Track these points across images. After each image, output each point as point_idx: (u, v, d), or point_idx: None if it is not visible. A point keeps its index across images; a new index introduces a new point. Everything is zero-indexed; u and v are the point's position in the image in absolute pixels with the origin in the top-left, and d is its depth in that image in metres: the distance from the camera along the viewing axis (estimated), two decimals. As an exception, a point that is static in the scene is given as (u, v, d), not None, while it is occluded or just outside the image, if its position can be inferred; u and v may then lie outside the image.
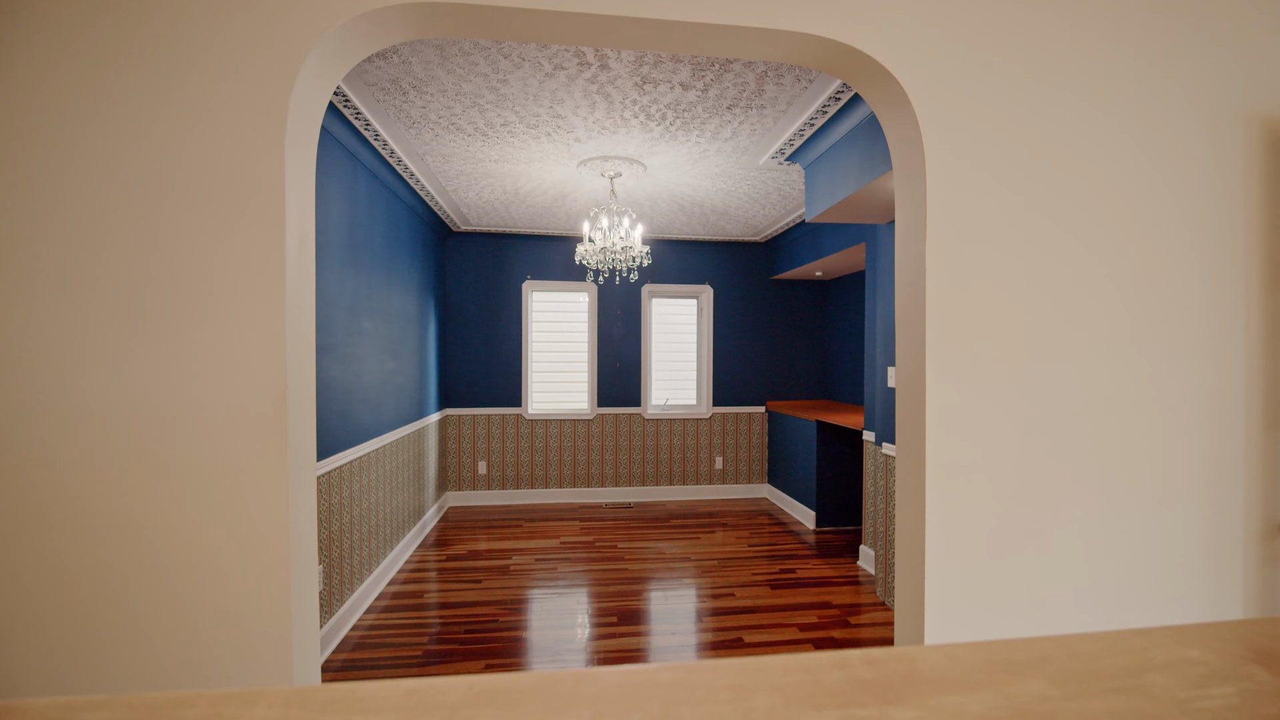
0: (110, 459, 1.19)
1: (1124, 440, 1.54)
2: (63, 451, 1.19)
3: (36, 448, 1.18)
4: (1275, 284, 1.59)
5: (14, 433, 1.17)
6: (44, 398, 1.18)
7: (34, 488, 1.18)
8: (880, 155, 2.52)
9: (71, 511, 1.19)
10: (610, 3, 1.33)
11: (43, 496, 1.18)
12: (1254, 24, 1.57)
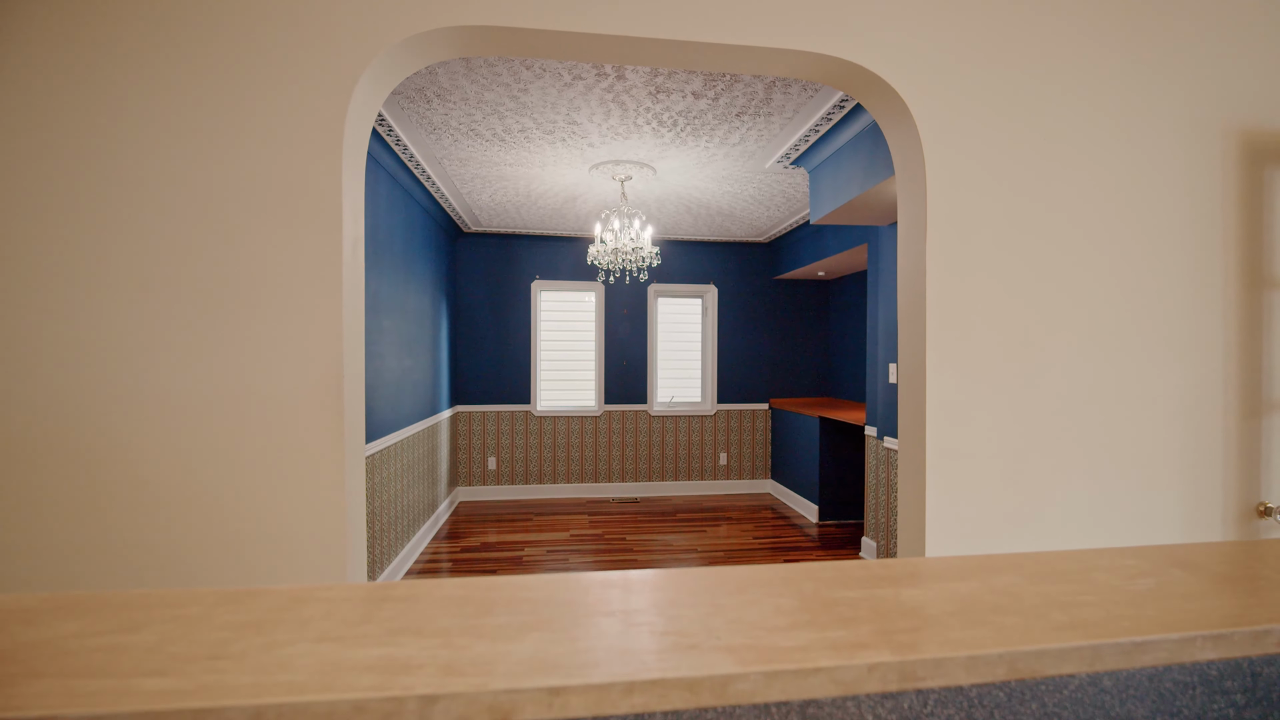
0: (181, 441, 1.32)
1: (1111, 428, 1.66)
2: (137, 435, 1.31)
3: (114, 432, 1.30)
4: (1251, 284, 1.71)
5: (93, 418, 1.29)
6: (123, 387, 1.30)
7: (109, 469, 1.30)
8: (882, 160, 2.64)
9: (144, 490, 1.31)
10: (634, 25, 1.45)
11: (117, 477, 1.30)
12: (1231, 43, 1.69)
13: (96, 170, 1.28)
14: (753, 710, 0.34)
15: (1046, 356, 1.62)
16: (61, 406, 1.28)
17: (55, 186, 1.28)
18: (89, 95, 1.28)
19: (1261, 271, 1.71)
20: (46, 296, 1.28)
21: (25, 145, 1.27)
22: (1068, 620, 0.38)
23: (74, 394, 1.29)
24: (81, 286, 1.29)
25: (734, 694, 0.33)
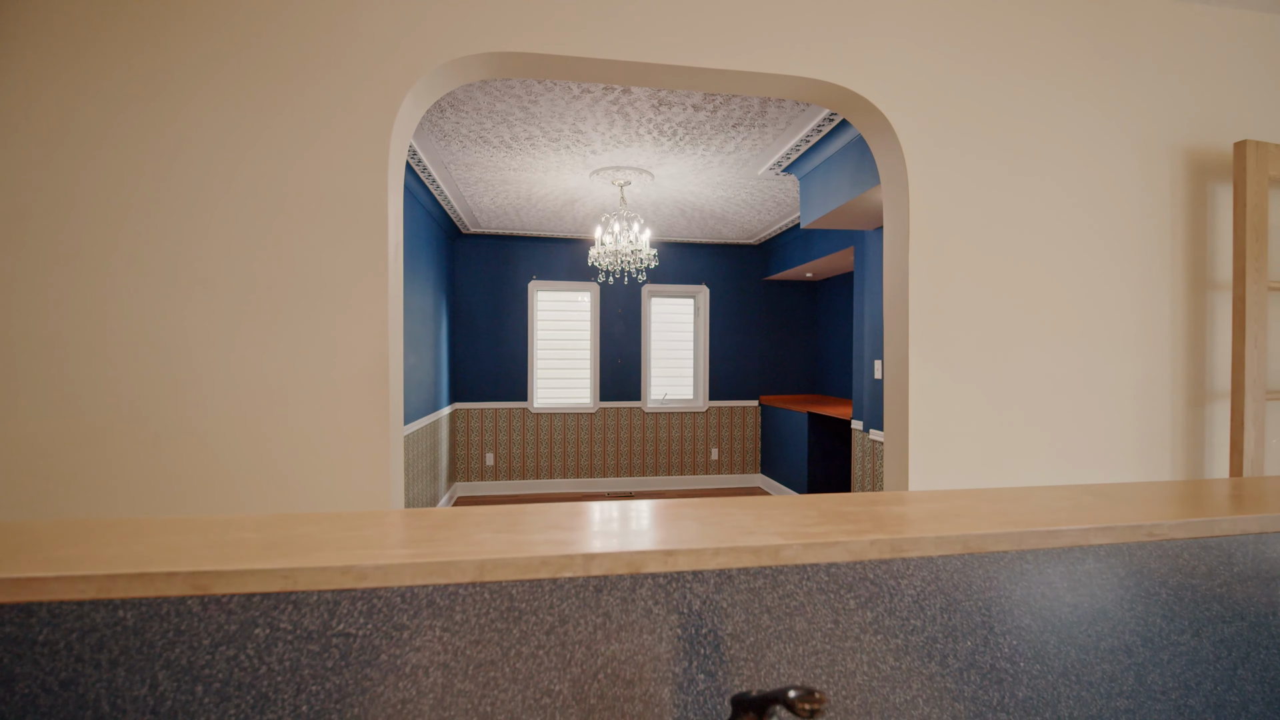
0: (245, 424, 1.46)
1: (1074, 414, 1.85)
2: (202, 420, 1.45)
3: (179, 418, 1.44)
4: (1195, 287, 1.92)
5: (159, 406, 1.43)
6: (186, 376, 1.44)
7: (178, 449, 1.44)
8: (869, 170, 2.83)
9: (208, 470, 1.45)
10: (647, 53, 1.62)
11: (185, 456, 1.44)
12: (1177, 72, 1.89)
13: (169, 180, 1.42)
14: (795, 569, 0.51)
15: (1016, 351, 1.81)
16: (136, 394, 1.42)
17: (133, 196, 1.41)
18: (159, 113, 1.42)
19: (1204, 274, 1.92)
20: (125, 295, 1.41)
21: (111, 159, 1.40)
22: (1005, 520, 0.55)
23: (148, 382, 1.42)
24: (155, 286, 1.42)
25: (783, 557, 0.50)
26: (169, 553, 0.45)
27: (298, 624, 0.43)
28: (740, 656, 0.48)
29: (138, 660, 0.42)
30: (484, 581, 0.45)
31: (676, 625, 0.47)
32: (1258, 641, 0.58)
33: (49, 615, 0.41)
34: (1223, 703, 0.57)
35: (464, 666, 0.45)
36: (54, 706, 0.41)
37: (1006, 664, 0.53)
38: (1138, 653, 0.55)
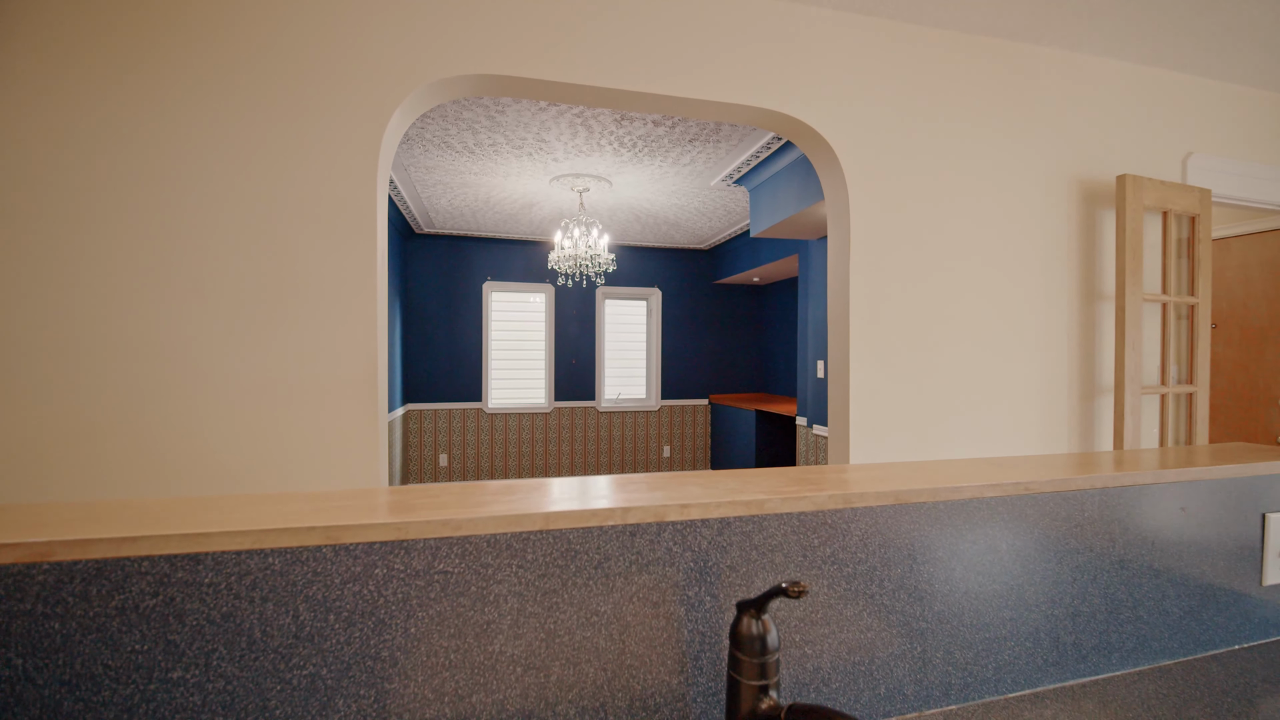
0: (242, 420, 1.51)
1: (988, 407, 2.12)
2: (203, 417, 1.50)
3: (173, 416, 1.48)
4: (1086, 299, 2.23)
5: (153, 404, 1.47)
6: (178, 376, 1.49)
7: (173, 442, 1.48)
8: (813, 186, 3.07)
9: (206, 463, 1.49)
10: (618, 80, 1.77)
11: (178, 453, 1.49)
12: (1073, 114, 2.20)
13: (172, 187, 1.46)
14: (775, 518, 0.67)
15: (941, 351, 2.07)
16: (135, 393, 1.45)
17: (135, 202, 1.45)
18: (157, 123, 1.46)
19: (1093, 287, 2.24)
20: (125, 297, 1.44)
21: (111, 167, 1.43)
22: (926, 480, 0.73)
23: (148, 381, 1.46)
24: (158, 288, 1.46)
25: (766, 508, 0.66)
26: (298, 515, 0.56)
27: (408, 565, 0.56)
28: (736, 582, 0.64)
29: (284, 596, 0.54)
30: (549, 529, 0.59)
31: (689, 560, 0.63)
32: (1101, 567, 0.79)
33: (213, 563, 0.52)
34: (1077, 612, 0.78)
35: (533, 594, 0.59)
36: (216, 634, 0.52)
37: (925, 585, 0.71)
38: (1017, 576, 0.75)
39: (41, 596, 0.49)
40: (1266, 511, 0.89)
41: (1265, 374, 3.14)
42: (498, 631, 0.57)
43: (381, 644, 0.55)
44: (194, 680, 0.51)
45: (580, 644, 0.59)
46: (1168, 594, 0.83)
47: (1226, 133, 2.44)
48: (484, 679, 0.57)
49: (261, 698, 0.52)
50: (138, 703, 0.50)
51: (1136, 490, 0.81)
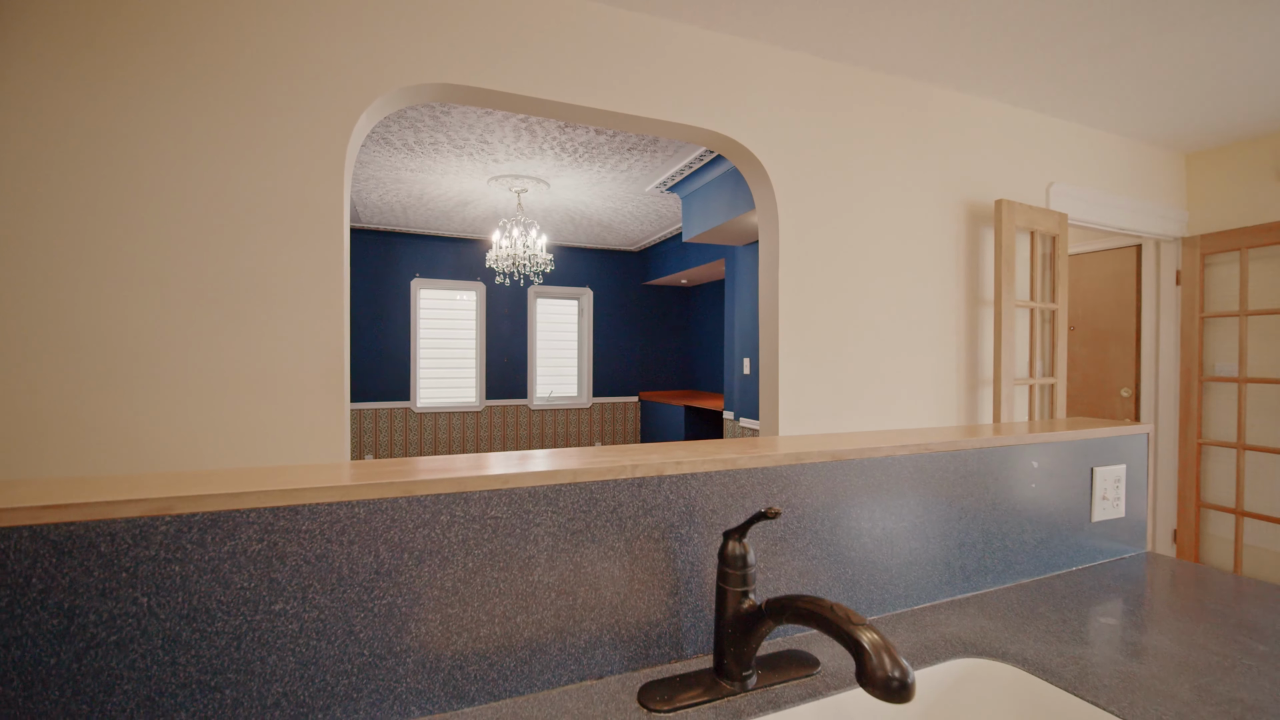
0: (208, 413, 1.52)
1: (892, 397, 2.44)
2: (166, 409, 1.49)
3: (134, 411, 1.48)
4: (972, 304, 2.61)
5: (117, 399, 1.46)
6: (139, 371, 1.48)
7: (134, 443, 1.47)
8: (742, 197, 3.33)
9: (171, 453, 1.50)
10: (567, 95, 1.91)
11: (146, 443, 1.48)
12: (961, 145, 2.57)
13: (117, 179, 1.45)
14: (745, 472, 0.85)
15: (854, 348, 2.36)
16: (101, 388, 1.43)
17: (100, 199, 1.43)
18: (127, 116, 1.44)
19: (977, 294, 2.62)
20: (88, 291, 1.42)
21: (75, 163, 1.40)
22: (854, 444, 0.94)
23: (112, 378, 1.44)
24: (116, 287, 1.44)
25: (739, 464, 0.84)
26: (373, 473, 0.68)
27: (467, 512, 0.69)
28: (716, 521, 0.81)
29: (367, 539, 0.65)
30: (576, 483, 0.73)
31: (681, 505, 0.79)
32: (979, 509, 1.03)
33: (309, 513, 0.63)
34: (962, 543, 1.01)
35: (564, 534, 0.73)
36: (311, 572, 0.63)
37: (854, 524, 0.91)
38: (920, 516, 0.97)
39: (164, 544, 0.58)
40: (1094, 466, 1.17)
41: (1111, 369, 3.73)
42: (536, 564, 0.71)
43: (445, 576, 0.68)
44: (293, 611, 0.62)
45: (600, 573, 0.75)
46: (1025, 529, 1.09)
47: (1082, 167, 2.91)
48: (525, 603, 0.71)
49: (348, 624, 0.64)
50: (245, 631, 0.61)
51: (1005, 450, 1.06)
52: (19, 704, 0.54)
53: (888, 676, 0.52)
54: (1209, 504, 3.21)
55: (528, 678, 0.71)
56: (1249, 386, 3.08)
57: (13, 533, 0.54)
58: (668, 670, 0.77)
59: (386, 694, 0.66)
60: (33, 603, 0.54)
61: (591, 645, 0.74)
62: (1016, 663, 0.79)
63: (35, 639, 0.55)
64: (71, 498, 0.57)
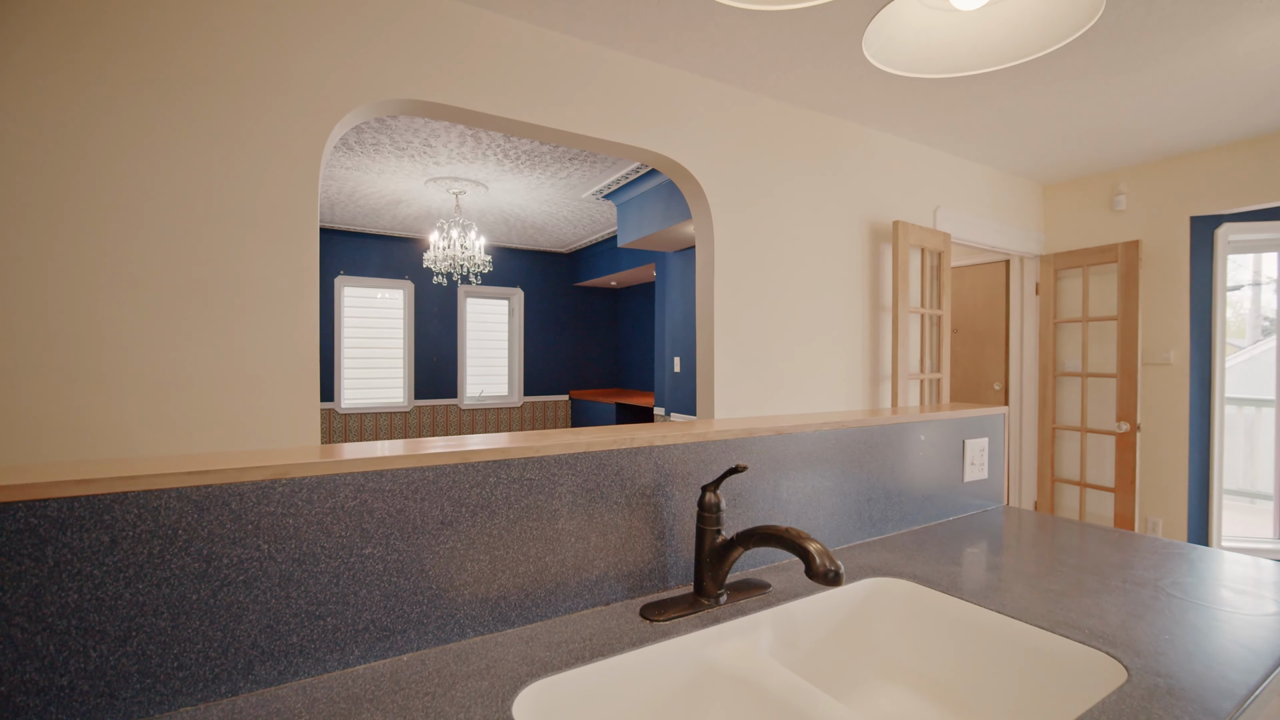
0: (185, 410, 1.57)
1: (810, 389, 2.78)
2: (143, 406, 1.53)
3: (106, 410, 1.51)
4: (874, 310, 3.01)
5: (85, 397, 1.48)
6: (110, 370, 1.51)
7: (104, 442, 1.50)
8: (676, 208, 3.60)
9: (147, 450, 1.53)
10: (523, 114, 2.08)
11: (128, 442, 1.51)
12: (865, 171, 2.96)
13: (93, 182, 1.48)
14: (712, 444, 1.08)
15: (777, 349, 2.68)
16: (77, 388, 1.45)
17: (88, 202, 1.44)
18: (110, 121, 1.47)
19: (878, 302, 3.03)
20: (69, 292, 1.43)
21: (51, 165, 1.41)
22: (788, 421, 1.20)
23: (90, 377, 1.46)
24: (97, 288, 1.46)
25: (707, 438, 1.07)
26: (435, 447, 0.85)
27: (509, 475, 0.87)
28: (691, 481, 1.04)
29: (435, 496, 0.82)
30: (590, 451, 0.93)
31: (666, 469, 1.01)
32: (882, 471, 1.33)
33: (391, 476, 0.79)
34: (870, 499, 1.30)
35: (581, 492, 0.93)
36: (393, 523, 0.79)
37: (792, 483, 1.17)
38: (839, 477, 1.25)
39: (280, 501, 0.73)
40: (965, 439, 1.51)
41: (986, 365, 4.33)
42: (559, 516, 0.91)
43: (493, 526, 0.86)
44: (378, 554, 0.79)
45: (607, 523, 0.95)
46: (916, 487, 1.40)
47: (962, 193, 3.41)
48: (551, 546, 0.91)
49: (420, 563, 0.81)
50: (342, 570, 0.77)
51: (900, 427, 1.36)
52: (169, 631, 0.68)
53: (827, 569, 0.76)
54: (1060, 478, 3.84)
55: (554, 605, 0.91)
56: (1089, 380, 3.72)
57: (164, 494, 0.67)
58: (658, 596, 0.99)
59: (448, 619, 0.83)
60: (179, 550, 0.68)
61: (601, 579, 0.95)
62: (909, 579, 1.08)
63: (181, 579, 0.68)
64: (209, 465, 0.71)
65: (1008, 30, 0.98)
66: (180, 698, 0.68)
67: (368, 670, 0.77)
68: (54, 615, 0.63)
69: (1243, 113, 2.74)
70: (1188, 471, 3.37)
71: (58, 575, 0.63)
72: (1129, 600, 0.98)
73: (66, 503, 0.63)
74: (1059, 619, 0.92)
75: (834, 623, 1.02)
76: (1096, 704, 0.70)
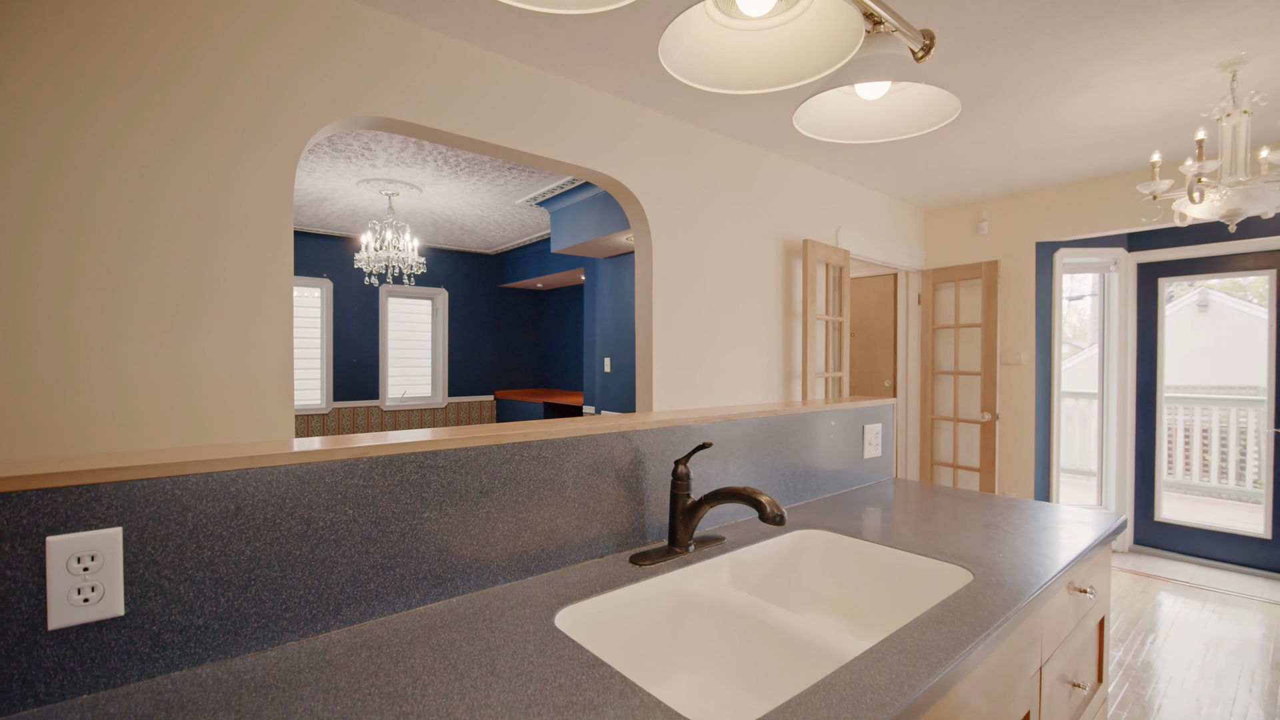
0: (164, 412, 1.62)
1: (733, 386, 3.13)
2: (114, 408, 1.57)
3: (90, 408, 1.54)
4: (788, 317, 3.42)
5: (70, 396, 1.51)
6: (93, 369, 1.55)
7: (86, 439, 1.54)
8: (609, 219, 3.86)
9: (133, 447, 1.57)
10: (480, 132, 2.26)
11: (92, 445, 1.55)
12: (780, 197, 3.36)
13: (77, 188, 1.51)
14: (678, 428, 1.35)
15: (706, 351, 3.00)
16: (59, 389, 1.47)
17: (71, 208, 1.46)
18: (91, 129, 1.50)
19: (790, 310, 3.44)
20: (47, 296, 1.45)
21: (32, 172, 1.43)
22: (725, 410, 1.50)
23: (74, 376, 1.48)
24: (80, 290, 1.49)
25: (674, 424, 1.34)
26: (475, 433, 1.05)
27: (530, 454, 1.09)
28: (663, 459, 1.30)
29: (475, 471, 1.02)
30: (589, 435, 1.17)
31: (643, 449, 1.27)
32: (801, 450, 1.66)
33: (443, 456, 0.98)
34: (794, 472, 1.63)
35: (583, 467, 1.17)
36: (445, 492, 0.98)
37: (734, 460, 1.46)
38: (770, 455, 1.56)
39: (361, 475, 0.92)
40: (864, 424, 1.88)
41: (878, 365, 4.93)
42: (567, 486, 1.14)
43: (518, 493, 1.08)
44: (433, 517, 0.98)
45: (602, 491, 1.19)
46: (826, 463, 1.74)
47: (859, 216, 3.92)
48: (561, 510, 1.14)
49: (464, 525, 1.02)
50: (406, 531, 0.96)
51: (817, 415, 1.70)
52: (279, 580, 0.85)
53: (776, 514, 1.05)
54: (938, 461, 4.47)
55: (563, 557, 1.14)
56: (960, 377, 4.37)
57: (274, 471, 0.84)
58: (642, 549, 1.24)
59: (484, 570, 1.04)
60: (286, 515, 0.85)
61: (598, 537, 1.19)
62: (826, 529, 1.40)
63: (287, 538, 0.86)
64: (308, 448, 0.88)
65: (900, 114, 1.32)
66: (286, 634, 0.86)
67: (428, 609, 0.97)
68: (193, 568, 0.79)
69: (1070, 162, 3.40)
70: (1034, 453, 4.07)
71: (196, 536, 0.79)
72: (978, 535, 1.36)
73: (202, 478, 0.79)
74: (931, 548, 1.27)
75: (774, 563, 1.33)
76: (951, 595, 1.03)
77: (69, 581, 0.71)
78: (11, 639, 0.69)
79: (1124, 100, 2.62)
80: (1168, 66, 2.32)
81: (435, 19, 2.03)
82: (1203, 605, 3.26)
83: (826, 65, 1.00)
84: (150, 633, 0.76)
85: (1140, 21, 2.03)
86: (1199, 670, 2.53)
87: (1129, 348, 4.30)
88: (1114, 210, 3.69)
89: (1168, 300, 4.27)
